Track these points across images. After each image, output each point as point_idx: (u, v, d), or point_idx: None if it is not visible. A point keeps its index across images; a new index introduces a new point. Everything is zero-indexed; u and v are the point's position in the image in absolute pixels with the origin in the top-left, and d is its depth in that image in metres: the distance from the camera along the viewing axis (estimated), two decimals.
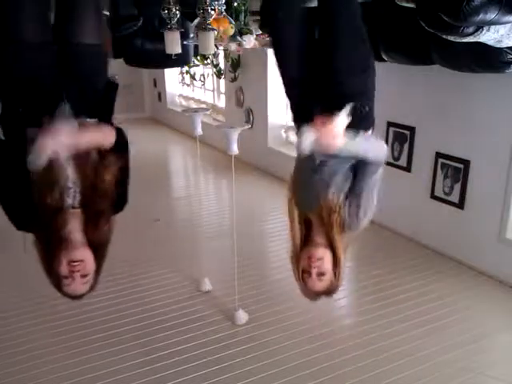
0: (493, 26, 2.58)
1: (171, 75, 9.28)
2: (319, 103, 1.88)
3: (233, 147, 3.25)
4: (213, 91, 8.19)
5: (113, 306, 3.61)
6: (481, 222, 3.99)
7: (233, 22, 3.59)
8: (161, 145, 8.50)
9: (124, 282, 3.93)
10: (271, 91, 6.37)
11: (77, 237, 1.72)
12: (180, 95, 9.45)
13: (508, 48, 2.93)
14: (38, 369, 2.99)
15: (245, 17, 4.24)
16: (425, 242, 4.50)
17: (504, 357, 3.14)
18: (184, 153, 8.17)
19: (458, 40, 2.69)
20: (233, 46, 4.24)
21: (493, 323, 3.46)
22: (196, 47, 4.09)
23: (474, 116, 3.91)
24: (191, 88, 8.95)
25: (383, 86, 2.38)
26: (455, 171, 4.13)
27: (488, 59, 3.07)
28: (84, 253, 1.72)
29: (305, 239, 1.95)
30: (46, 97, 1.70)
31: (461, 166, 4.07)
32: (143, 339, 3.25)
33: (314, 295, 1.97)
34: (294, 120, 2.07)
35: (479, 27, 2.55)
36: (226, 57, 6.76)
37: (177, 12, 3.39)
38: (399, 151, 4.61)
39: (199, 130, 3.74)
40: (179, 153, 8.40)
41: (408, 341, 3.20)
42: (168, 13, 3.37)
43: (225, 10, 3.43)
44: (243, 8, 4.19)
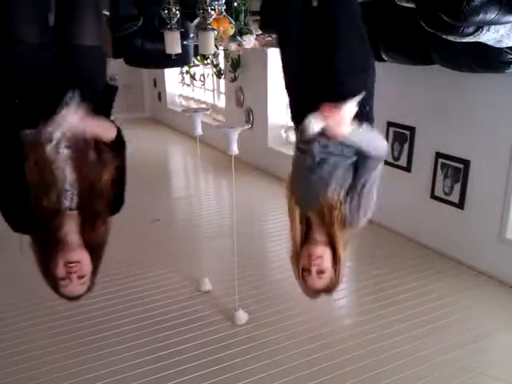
0: (493, 26, 2.58)
1: (171, 75, 9.28)
2: (319, 103, 1.89)
3: (233, 147, 3.25)
4: (213, 91, 8.19)
5: (112, 306, 3.61)
6: (481, 222, 3.99)
7: (233, 22, 3.60)
8: (161, 145, 8.50)
9: (123, 282, 3.93)
10: (271, 91, 6.37)
11: (73, 238, 1.72)
12: (180, 95, 9.46)
13: (508, 48, 2.94)
14: (37, 369, 2.98)
15: (245, 17, 4.25)
16: (425, 242, 4.50)
17: (504, 357, 3.14)
18: (184, 153, 8.17)
19: (458, 40, 2.69)
20: (233, 46, 4.25)
21: (493, 323, 3.46)
22: (196, 47, 4.09)
23: (474, 116, 3.91)
24: (191, 88, 8.95)
25: (383, 86, 2.37)
26: (455, 171, 4.13)
27: (488, 59, 3.07)
28: (81, 254, 1.72)
29: (304, 237, 1.95)
30: (44, 97, 1.70)
31: (461, 166, 4.07)
32: (143, 339, 3.25)
33: (314, 293, 1.97)
34: (293, 119, 2.08)
35: (479, 27, 2.55)
36: (226, 57, 6.76)
37: (177, 12, 3.39)
38: (399, 151, 4.61)
39: (199, 130, 3.75)
40: (179, 153, 8.40)
41: (408, 341, 3.20)
42: (168, 13, 3.37)
43: (225, 10, 3.43)
44: (243, 8, 4.19)
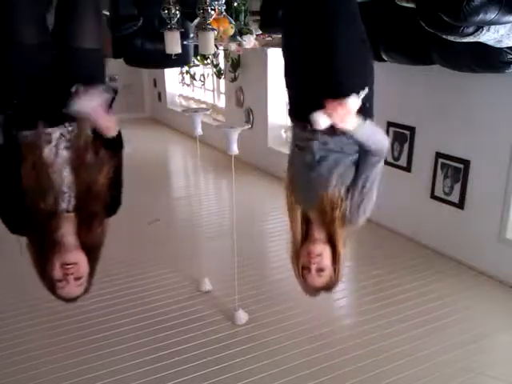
0: (493, 26, 2.58)
1: (171, 75, 9.28)
2: (319, 103, 1.89)
3: (233, 147, 3.25)
4: (213, 91, 8.19)
5: (112, 306, 3.61)
6: (481, 222, 3.99)
7: (233, 22, 3.59)
8: (161, 145, 8.50)
9: (123, 282, 3.93)
10: (271, 91, 6.37)
11: (70, 240, 1.72)
12: (180, 95, 9.46)
13: (508, 48, 2.94)
14: (37, 369, 2.98)
15: (245, 17, 4.25)
16: (425, 242, 4.50)
17: (504, 357, 3.14)
18: (184, 153, 8.17)
19: (458, 40, 2.69)
20: (233, 46, 4.25)
21: (493, 323, 3.46)
22: (196, 47, 4.08)
23: (474, 116, 3.91)
24: (191, 88, 8.95)
25: (383, 86, 2.38)
26: (455, 171, 4.13)
27: (488, 59, 3.07)
28: (77, 255, 1.72)
29: (304, 236, 1.96)
30: (43, 99, 1.70)
31: (461, 166, 4.07)
32: (143, 339, 3.25)
33: (314, 291, 1.98)
34: (292, 117, 2.09)
35: (479, 27, 2.55)
36: (226, 57, 6.76)
37: (177, 12, 3.39)
38: (399, 151, 4.61)
39: (199, 130, 3.75)
40: (179, 153, 8.40)
41: (408, 341, 3.20)
42: (168, 13, 3.37)
43: (225, 10, 3.43)
44: (243, 8, 4.19)
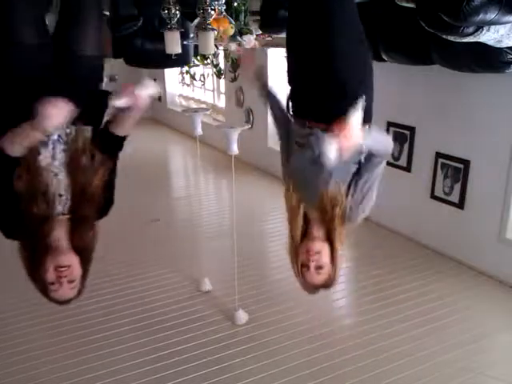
0: (493, 26, 2.57)
1: (171, 75, 9.28)
2: (318, 102, 1.91)
3: (233, 147, 3.25)
4: (213, 91, 8.19)
5: (112, 306, 3.61)
6: (481, 222, 3.99)
7: (233, 22, 3.59)
8: (161, 145, 8.50)
9: (123, 282, 3.93)
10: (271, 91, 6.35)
11: (63, 243, 1.71)
12: (180, 95, 9.45)
13: (508, 48, 2.93)
14: (37, 369, 2.98)
15: (245, 17, 4.24)
16: (425, 242, 4.50)
17: (504, 357, 3.14)
18: (184, 153, 8.17)
19: (458, 40, 2.69)
20: (233, 46, 4.24)
21: (493, 323, 3.46)
22: (196, 47, 4.09)
23: (474, 116, 3.91)
24: (191, 88, 8.95)
25: (383, 86, 2.38)
26: (455, 171, 4.13)
27: (488, 59, 3.07)
28: (71, 258, 1.72)
29: (303, 233, 1.97)
30: (43, 97, 1.70)
31: (461, 166, 4.07)
32: (143, 339, 3.25)
33: (313, 288, 1.98)
34: (293, 115, 2.10)
35: (479, 27, 2.55)
36: (226, 57, 6.76)
37: (177, 12, 3.39)
38: (399, 151, 4.60)
39: (199, 130, 3.75)
40: (179, 153, 8.39)
41: (408, 341, 3.20)
42: (168, 13, 3.37)
43: (225, 10, 3.43)
44: (243, 8, 4.18)
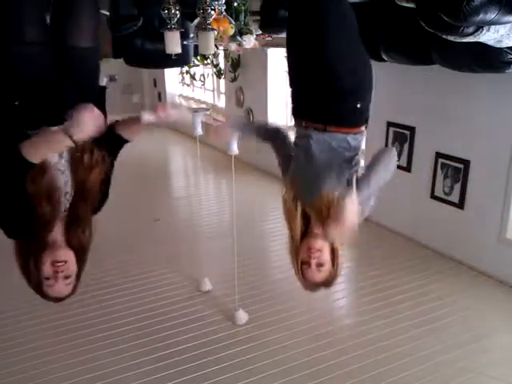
0: (493, 26, 2.57)
1: (171, 75, 9.28)
2: (316, 102, 1.94)
3: (233, 147, 3.26)
4: (213, 91, 8.19)
5: (112, 306, 3.61)
6: (481, 222, 3.99)
7: (233, 22, 3.59)
8: (161, 145, 8.50)
9: (123, 282, 3.93)
10: (271, 91, 6.37)
11: (60, 239, 1.72)
12: (180, 95, 9.45)
13: (508, 48, 2.93)
14: (37, 369, 2.98)
15: (245, 17, 4.24)
16: (424, 242, 4.50)
17: (504, 357, 3.13)
18: (184, 153, 8.17)
19: (458, 40, 2.68)
20: (233, 46, 4.24)
21: (493, 323, 3.46)
22: (196, 47, 4.08)
23: (474, 116, 3.91)
24: (191, 88, 8.95)
25: (383, 86, 2.38)
26: (455, 171, 4.13)
27: (488, 59, 3.07)
28: (67, 253, 1.72)
29: (304, 232, 1.97)
30: (45, 99, 1.70)
31: (461, 166, 4.07)
32: (143, 339, 3.25)
33: (314, 286, 1.99)
34: (294, 115, 2.12)
35: (479, 27, 2.54)
36: (226, 57, 6.76)
37: (177, 12, 3.38)
38: (399, 151, 4.60)
39: (199, 130, 3.75)
40: (179, 153, 8.40)
41: (408, 341, 3.20)
42: (168, 13, 3.36)
43: (225, 10, 3.42)
44: (243, 8, 4.18)
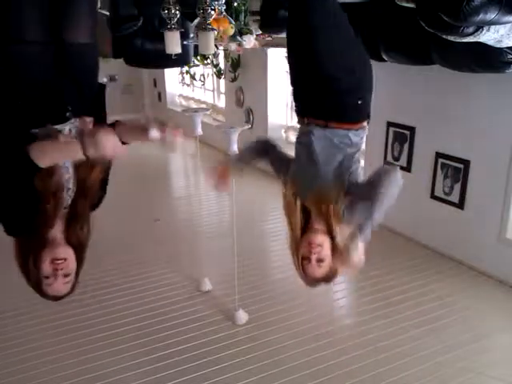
0: (493, 26, 2.57)
1: (171, 75, 9.27)
2: (317, 100, 1.96)
3: (233, 147, 3.26)
4: (213, 91, 8.19)
5: (112, 306, 3.61)
6: (481, 222, 3.99)
7: (233, 22, 3.59)
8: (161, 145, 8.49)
9: (123, 282, 3.93)
10: (271, 91, 6.37)
11: (59, 236, 1.72)
12: (180, 95, 9.45)
13: (508, 48, 2.93)
14: (37, 369, 2.98)
15: (245, 17, 4.24)
16: (425, 242, 4.50)
17: (504, 357, 3.13)
18: (184, 153, 8.16)
19: (458, 40, 2.69)
20: (233, 46, 4.24)
21: (493, 323, 3.46)
22: (196, 47, 4.08)
23: (474, 116, 3.91)
24: (191, 88, 8.95)
25: (383, 86, 2.38)
26: (455, 171, 4.13)
27: (488, 59, 3.07)
28: (67, 251, 1.72)
29: (304, 227, 1.98)
30: (47, 97, 1.70)
31: (461, 166, 4.07)
32: (143, 339, 3.25)
33: (314, 282, 1.99)
34: (296, 113, 2.13)
35: (479, 27, 2.55)
36: (226, 57, 6.76)
37: (177, 12, 3.38)
38: (399, 151, 4.60)
39: (199, 130, 3.75)
40: (179, 153, 8.38)
41: (408, 341, 3.20)
42: (168, 13, 3.36)
43: (225, 10, 3.42)
44: (243, 8, 4.18)
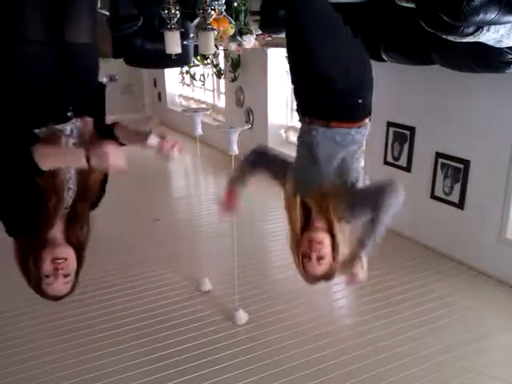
0: (493, 26, 2.57)
1: (171, 75, 9.27)
2: (317, 100, 1.97)
3: (233, 147, 3.26)
4: (213, 91, 8.19)
5: (112, 306, 3.61)
6: (481, 222, 3.99)
7: (233, 22, 3.59)
8: None
9: (123, 282, 3.93)
10: (271, 91, 6.36)
11: (60, 236, 1.73)
12: (180, 95, 9.45)
13: (508, 48, 2.93)
14: (37, 369, 2.98)
15: (245, 17, 4.24)
16: (425, 242, 4.50)
17: (504, 357, 3.13)
18: (184, 153, 8.16)
19: (458, 40, 2.69)
20: (233, 46, 4.24)
21: (493, 323, 3.46)
22: (196, 47, 4.08)
23: (474, 116, 3.91)
24: (191, 88, 8.95)
25: (383, 86, 2.38)
26: (455, 171, 4.13)
27: (488, 59, 3.07)
28: (68, 250, 1.72)
29: (304, 225, 1.99)
30: (49, 97, 1.70)
31: (461, 166, 4.07)
32: (143, 339, 3.25)
33: (314, 279, 2.00)
34: (297, 112, 2.13)
35: (479, 27, 2.55)
36: (226, 57, 6.76)
37: (177, 12, 3.38)
38: (399, 151, 4.60)
39: (199, 130, 3.75)
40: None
41: (408, 341, 3.20)
42: (168, 13, 3.36)
43: (225, 10, 3.42)
44: (243, 8, 4.18)
